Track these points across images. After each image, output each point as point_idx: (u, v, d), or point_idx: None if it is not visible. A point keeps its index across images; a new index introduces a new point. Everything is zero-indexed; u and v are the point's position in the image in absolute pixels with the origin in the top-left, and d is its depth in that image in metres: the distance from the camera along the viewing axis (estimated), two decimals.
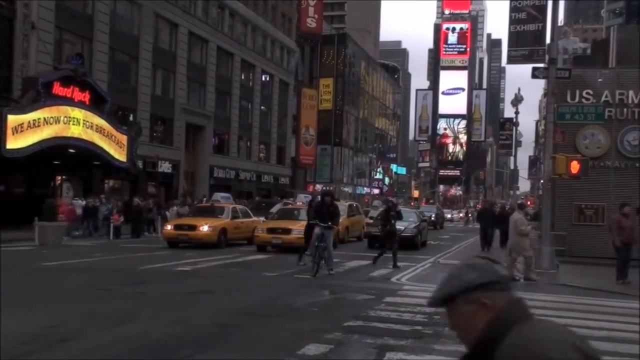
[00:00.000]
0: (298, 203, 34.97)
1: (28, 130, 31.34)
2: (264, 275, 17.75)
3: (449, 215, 75.30)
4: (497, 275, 2.06)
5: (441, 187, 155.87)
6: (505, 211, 31.94)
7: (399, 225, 30.09)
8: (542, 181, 31.17)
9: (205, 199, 41.65)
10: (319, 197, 20.44)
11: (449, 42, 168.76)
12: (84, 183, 40.81)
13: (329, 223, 18.30)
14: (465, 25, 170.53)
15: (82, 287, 13.89)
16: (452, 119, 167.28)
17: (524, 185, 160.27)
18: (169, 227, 27.81)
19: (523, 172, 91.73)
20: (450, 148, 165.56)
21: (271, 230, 26.21)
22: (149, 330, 9.73)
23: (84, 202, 33.62)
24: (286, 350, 8.78)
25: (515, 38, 24.36)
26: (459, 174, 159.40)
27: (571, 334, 1.96)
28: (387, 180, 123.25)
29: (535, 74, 22.39)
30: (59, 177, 39.97)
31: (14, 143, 30.72)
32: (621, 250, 17.76)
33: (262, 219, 30.71)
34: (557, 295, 15.71)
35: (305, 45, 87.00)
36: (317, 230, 18.33)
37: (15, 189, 35.74)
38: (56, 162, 36.43)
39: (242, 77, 64.94)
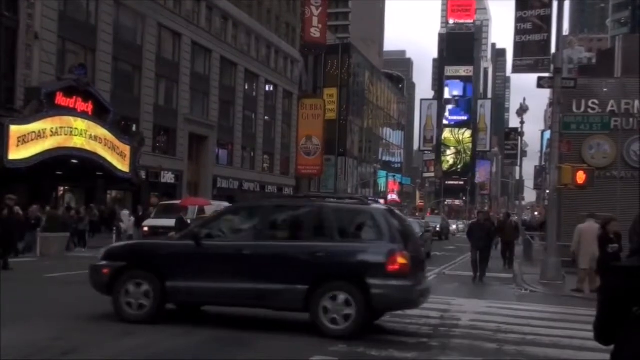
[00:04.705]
0: None
1: (31, 141, 31.42)
2: None
3: (454, 227, 73.35)
4: None
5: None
6: (508, 221, 29.87)
7: None
8: (547, 191, 30.97)
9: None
10: None
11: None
12: (87, 194, 40.85)
13: None
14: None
15: (84, 299, 13.87)
16: (456, 129, 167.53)
17: (530, 195, 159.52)
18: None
19: (529, 183, 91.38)
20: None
21: None
22: (151, 342, 9.72)
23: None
24: None
25: (520, 48, 24.38)
26: (463, 184, 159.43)
27: None
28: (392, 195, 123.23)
29: (540, 83, 22.39)
30: (62, 188, 40.01)
31: (16, 154, 30.79)
32: None
33: None
34: (563, 306, 15.69)
35: (309, 55, 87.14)
36: None
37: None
38: (59, 173, 36.49)
39: (246, 87, 65.06)
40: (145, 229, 29.48)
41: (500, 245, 28.77)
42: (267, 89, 70.25)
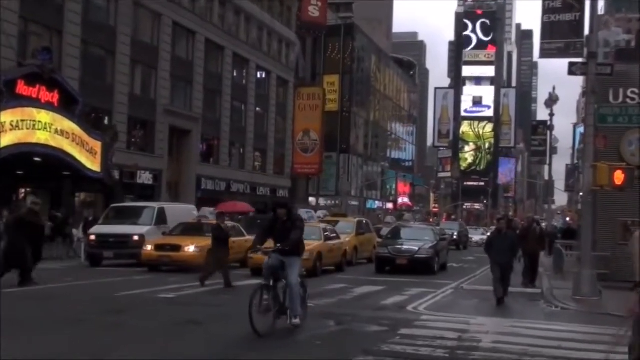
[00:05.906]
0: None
1: None
2: None
3: (475, 238, 65.36)
4: None
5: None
6: (532, 228, 26.58)
7: (411, 245, 29.58)
8: (581, 194, 30.87)
9: None
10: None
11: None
12: (52, 196, 40.78)
13: (278, 245, 13.51)
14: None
15: (52, 317, 13.87)
16: (476, 122, 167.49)
17: (561, 198, 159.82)
18: (149, 247, 27.72)
19: (559, 183, 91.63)
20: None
21: (267, 252, 25.89)
22: None
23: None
24: None
25: (549, 29, 24.29)
26: (484, 185, 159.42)
27: None
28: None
29: (572, 70, 22.33)
30: (23, 190, 39.96)
31: None
32: None
33: None
34: (600, 326, 15.64)
35: (307, 38, 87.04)
36: (267, 260, 13.67)
37: None
38: (19, 172, 36.46)
39: (235, 74, 65.06)
40: (92, 237, 29.36)
41: (522, 259, 25.73)
42: (258, 76, 70.21)
